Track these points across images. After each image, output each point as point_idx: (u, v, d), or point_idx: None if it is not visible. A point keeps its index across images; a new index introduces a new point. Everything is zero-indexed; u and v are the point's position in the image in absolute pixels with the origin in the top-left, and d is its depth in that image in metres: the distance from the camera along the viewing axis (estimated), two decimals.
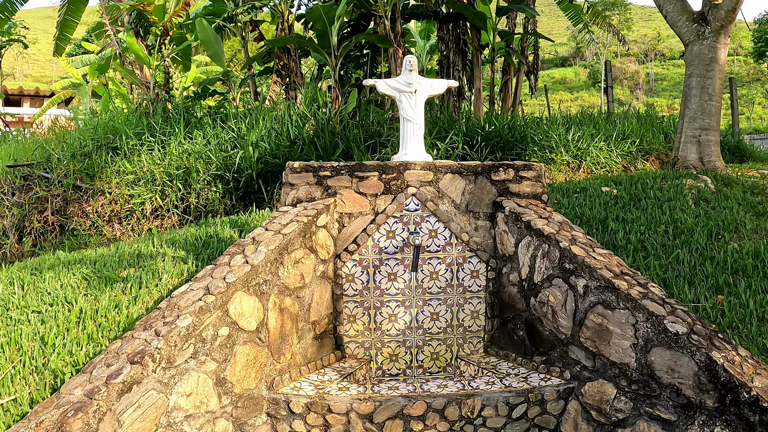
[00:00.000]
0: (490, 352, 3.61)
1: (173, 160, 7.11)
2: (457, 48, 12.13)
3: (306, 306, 3.23)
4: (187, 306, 2.50)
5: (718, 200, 5.10)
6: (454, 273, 3.59)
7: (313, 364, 3.27)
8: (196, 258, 4.29)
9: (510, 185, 3.65)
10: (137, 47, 8.89)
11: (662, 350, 2.65)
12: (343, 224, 3.54)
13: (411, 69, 3.90)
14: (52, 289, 3.85)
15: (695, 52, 6.54)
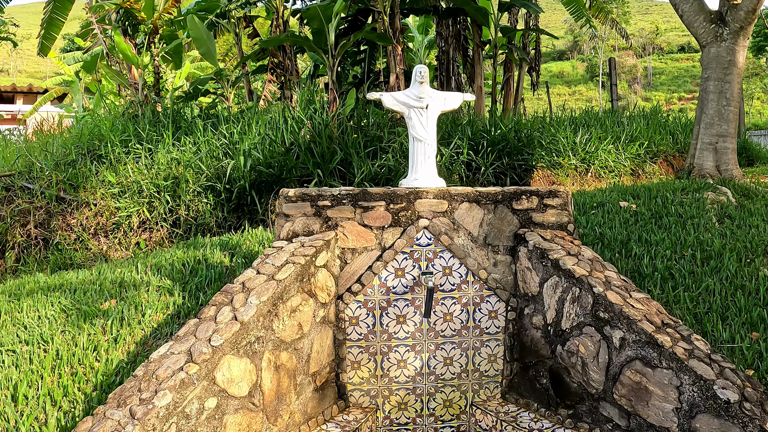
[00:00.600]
0: (509, 399, 3.26)
1: (161, 169, 6.72)
2: (458, 44, 11.77)
3: (305, 357, 2.87)
4: (167, 378, 2.13)
5: (742, 217, 4.78)
6: (470, 314, 3.23)
7: (314, 420, 2.92)
8: (182, 289, 3.94)
9: (533, 215, 3.29)
10: (125, 47, 8.46)
11: (710, 418, 2.31)
12: (346, 261, 3.17)
13: (422, 81, 3.51)
14: (29, 323, 3.52)
15: (713, 54, 6.18)
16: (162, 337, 3.33)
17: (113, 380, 2.92)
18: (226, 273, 4.20)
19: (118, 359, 3.12)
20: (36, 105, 16.61)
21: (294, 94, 10.68)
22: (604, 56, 46.79)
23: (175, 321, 3.54)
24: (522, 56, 12.43)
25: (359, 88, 11.57)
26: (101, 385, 2.88)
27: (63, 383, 2.88)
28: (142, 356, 3.13)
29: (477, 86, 11.54)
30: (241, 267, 4.26)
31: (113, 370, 3.01)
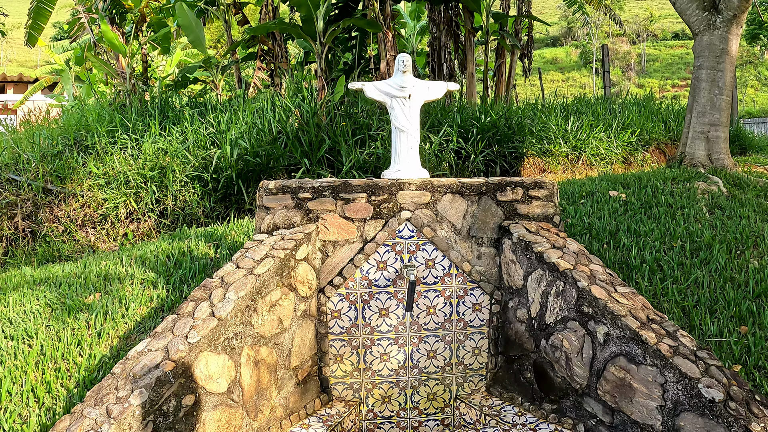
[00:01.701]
0: (493, 393, 3.25)
1: (148, 159, 6.64)
2: (449, 30, 11.66)
3: (286, 352, 2.84)
4: (144, 375, 2.10)
5: (733, 207, 4.75)
6: (453, 307, 3.20)
7: (296, 415, 2.90)
8: (166, 282, 3.91)
9: (518, 206, 3.25)
10: (112, 35, 8.33)
11: (694, 417, 2.29)
12: (327, 254, 3.13)
13: (404, 70, 3.45)
14: (14, 317, 3.49)
15: (705, 42, 6.12)
16: (145, 331, 3.30)
17: (95, 376, 2.89)
18: (211, 265, 4.16)
19: (101, 354, 3.09)
20: (26, 94, 16.42)
21: (284, 82, 10.57)
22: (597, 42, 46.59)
23: (158, 314, 3.51)
24: (514, 43, 12.33)
25: (349, 75, 11.45)
26: (84, 380, 2.85)
27: (46, 379, 2.85)
28: (124, 351, 3.10)
29: (469, 73, 11.46)
30: (226, 259, 4.23)
31: (96, 365, 2.99)
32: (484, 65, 13.34)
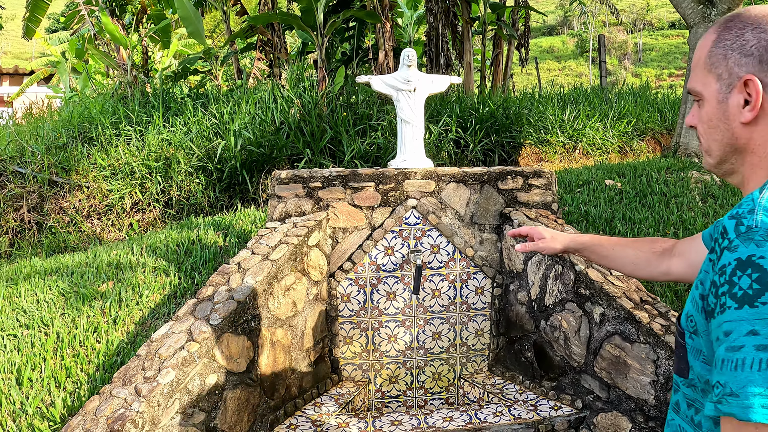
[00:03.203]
0: (495, 372, 3.41)
1: (152, 150, 6.75)
2: (447, 20, 11.73)
3: (299, 334, 2.98)
4: (169, 356, 2.24)
5: (725, 196, 4.91)
6: (457, 290, 3.35)
7: (308, 394, 3.05)
8: (178, 269, 4.03)
9: (518, 194, 3.39)
10: (112, 27, 8.39)
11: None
12: (337, 240, 3.27)
13: (410, 64, 3.57)
14: (28, 307, 3.60)
15: (700, 35, 6.25)
16: (160, 317, 3.43)
17: (114, 360, 3.01)
18: (220, 253, 4.29)
19: (118, 340, 3.21)
20: (23, 87, 16.42)
21: (283, 72, 10.65)
22: (594, 32, 46.61)
23: (171, 301, 3.63)
24: (511, 33, 12.43)
25: (348, 66, 11.54)
26: (103, 365, 2.98)
27: (66, 365, 2.96)
28: (141, 336, 3.23)
29: (466, 63, 11.56)
30: (235, 247, 4.35)
31: (114, 351, 3.11)
32: (481, 55, 13.43)
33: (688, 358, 1.07)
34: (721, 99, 1.06)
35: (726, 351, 0.87)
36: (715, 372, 0.89)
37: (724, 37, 1.06)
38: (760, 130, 1.02)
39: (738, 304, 0.86)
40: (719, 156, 1.11)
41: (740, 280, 0.87)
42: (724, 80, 1.06)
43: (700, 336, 1.01)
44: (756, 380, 0.82)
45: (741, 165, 1.08)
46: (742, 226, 0.92)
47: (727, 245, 0.92)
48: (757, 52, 1.01)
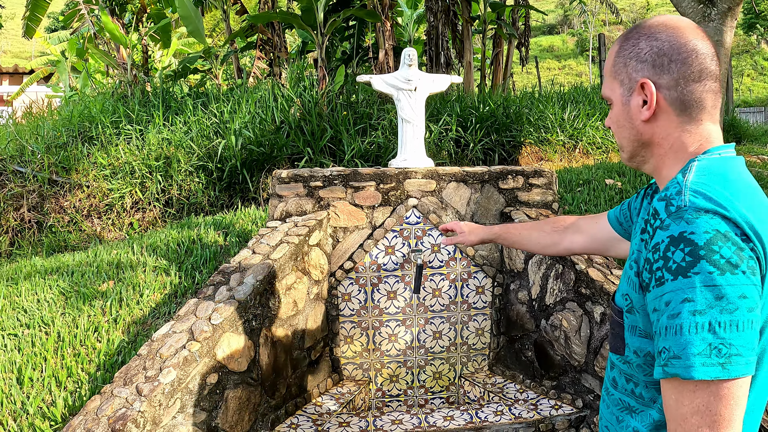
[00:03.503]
0: (496, 371, 3.41)
1: (152, 150, 6.74)
2: (447, 19, 11.73)
3: (300, 333, 2.98)
4: (171, 356, 2.24)
5: None
6: (458, 289, 3.35)
7: (309, 393, 3.05)
8: (178, 268, 4.03)
9: (519, 194, 3.40)
10: (113, 26, 8.39)
11: None
12: (338, 239, 3.27)
13: (410, 64, 3.57)
14: (28, 306, 3.60)
15: None
16: (161, 317, 3.43)
17: (115, 360, 3.01)
18: (221, 252, 4.29)
19: (119, 339, 3.21)
20: (23, 86, 16.41)
21: (283, 71, 10.65)
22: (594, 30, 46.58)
23: (172, 300, 3.63)
24: (511, 32, 12.43)
25: (348, 65, 11.53)
26: (104, 364, 2.98)
27: (66, 364, 2.96)
28: (142, 336, 3.23)
29: (466, 62, 11.56)
30: (235, 246, 4.35)
31: (115, 350, 3.11)
32: (481, 54, 13.43)
33: (625, 336, 1.16)
34: (625, 101, 1.21)
35: (667, 319, 0.97)
36: (660, 339, 0.99)
37: (624, 47, 1.21)
38: (661, 125, 1.16)
39: (673, 276, 0.97)
40: (630, 151, 1.25)
41: (674, 255, 0.97)
42: (625, 85, 1.20)
43: (636, 312, 1.11)
44: (694, 342, 0.93)
45: (650, 156, 1.22)
46: (671, 206, 1.02)
47: (660, 225, 1.02)
48: (650, 58, 1.15)
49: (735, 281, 0.94)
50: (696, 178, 1.06)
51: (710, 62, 1.14)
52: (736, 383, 0.93)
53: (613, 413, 1.23)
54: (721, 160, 1.12)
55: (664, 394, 1.01)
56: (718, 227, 0.96)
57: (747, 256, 0.96)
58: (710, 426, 0.94)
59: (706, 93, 1.14)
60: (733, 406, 0.94)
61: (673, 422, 0.99)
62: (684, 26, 1.16)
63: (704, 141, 1.15)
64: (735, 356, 0.92)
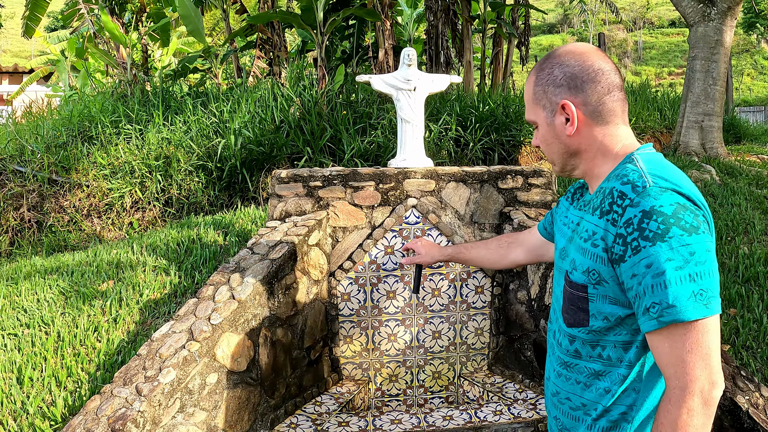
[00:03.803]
0: (495, 371, 3.41)
1: (152, 149, 6.75)
2: (447, 18, 11.72)
3: (299, 333, 2.99)
4: (170, 356, 2.24)
5: (725, 195, 4.91)
6: (457, 289, 3.36)
7: (308, 392, 3.05)
8: (178, 268, 4.03)
9: (518, 193, 3.40)
10: (112, 26, 8.39)
11: None
12: (337, 239, 3.28)
13: (410, 64, 3.57)
14: (28, 306, 3.60)
15: (700, 33, 6.25)
16: (161, 316, 3.43)
17: (115, 359, 3.02)
18: (221, 252, 4.29)
19: (119, 339, 3.22)
20: (23, 85, 16.41)
21: (283, 71, 10.64)
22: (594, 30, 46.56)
23: (172, 300, 3.64)
24: (511, 31, 12.42)
25: (348, 64, 11.53)
26: (104, 364, 2.98)
27: (66, 364, 2.96)
28: (142, 335, 3.23)
29: (466, 61, 11.56)
30: (235, 245, 4.35)
31: (115, 350, 3.11)
32: (481, 53, 13.42)
33: (590, 307, 1.32)
34: (549, 122, 1.41)
35: (652, 278, 1.16)
36: (646, 297, 1.17)
37: (540, 76, 1.41)
38: (585, 136, 1.37)
39: (652, 243, 1.16)
40: (561, 163, 1.45)
41: (649, 225, 1.17)
42: (547, 108, 1.40)
43: (605, 283, 1.28)
44: (683, 291, 1.13)
45: (581, 162, 1.42)
46: (638, 187, 1.22)
47: (629, 204, 1.21)
48: (565, 82, 1.36)
49: (700, 240, 1.15)
50: (648, 166, 1.27)
51: (614, 77, 1.36)
52: (715, 319, 1.16)
53: (579, 381, 1.38)
54: (655, 153, 1.35)
55: (657, 345, 1.19)
56: (678, 200, 1.18)
57: (702, 220, 1.19)
58: (703, 358, 1.14)
59: (616, 102, 1.36)
60: (715, 338, 1.15)
61: (670, 367, 1.17)
62: (588, 51, 1.38)
63: (624, 140, 1.38)
64: (712, 297, 1.15)
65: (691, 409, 1.15)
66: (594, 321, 1.32)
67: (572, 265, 1.36)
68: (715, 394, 1.15)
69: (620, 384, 1.31)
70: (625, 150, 1.36)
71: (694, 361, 1.14)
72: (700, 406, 1.15)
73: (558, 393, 1.44)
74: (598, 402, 1.34)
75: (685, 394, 1.15)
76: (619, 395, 1.31)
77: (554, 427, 1.49)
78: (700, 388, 1.14)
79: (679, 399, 1.16)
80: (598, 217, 1.30)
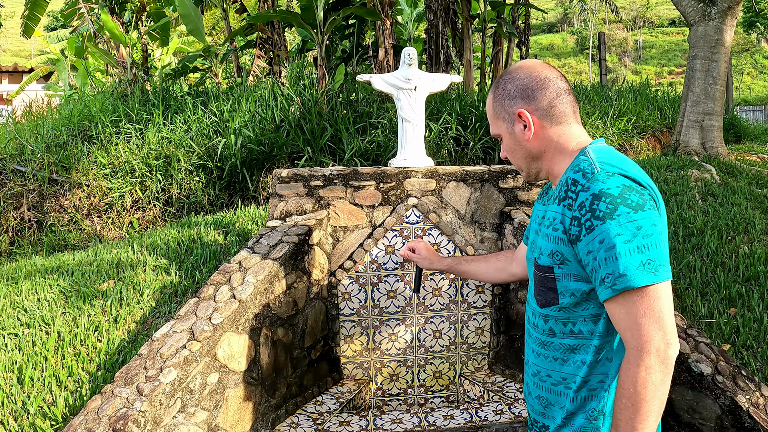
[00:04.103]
0: (496, 370, 3.41)
1: (152, 148, 6.74)
2: (447, 18, 11.70)
3: (300, 332, 2.99)
4: (171, 355, 2.24)
5: (725, 195, 4.91)
6: (458, 288, 3.36)
7: (309, 392, 3.05)
8: (178, 268, 4.03)
9: (519, 193, 3.40)
10: (112, 25, 8.38)
11: (684, 389, 2.46)
12: (338, 239, 3.28)
13: (410, 63, 3.57)
14: (28, 306, 3.60)
15: (700, 33, 6.25)
16: (161, 316, 3.43)
17: (116, 359, 3.02)
18: (221, 251, 4.29)
19: (119, 339, 3.22)
20: (22, 85, 16.41)
21: (283, 70, 10.64)
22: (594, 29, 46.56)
23: (172, 300, 3.64)
24: (511, 30, 12.41)
25: (348, 63, 11.52)
26: (104, 364, 2.98)
27: (67, 364, 2.96)
28: (142, 335, 3.23)
29: (466, 60, 11.55)
30: (235, 245, 4.35)
31: (115, 350, 3.11)
32: (481, 52, 13.41)
33: (558, 286, 1.45)
34: (510, 131, 1.57)
35: (605, 252, 1.29)
36: (601, 270, 1.31)
37: (496, 93, 1.58)
38: (541, 138, 1.53)
39: (602, 221, 1.30)
40: (527, 168, 1.61)
41: (598, 206, 1.31)
42: (507, 120, 1.56)
43: (568, 262, 1.41)
44: (632, 261, 1.26)
45: (543, 164, 1.57)
46: (588, 174, 1.37)
47: (581, 188, 1.36)
48: (518, 94, 1.53)
49: (645, 216, 1.29)
50: (597, 155, 1.42)
51: (561, 83, 1.53)
52: (665, 285, 1.28)
53: (557, 358, 1.49)
54: (606, 146, 1.49)
55: (614, 312, 1.31)
56: (624, 182, 1.32)
57: (647, 198, 1.33)
58: (656, 321, 1.26)
59: (565, 104, 1.51)
60: (667, 303, 1.27)
61: (627, 331, 1.30)
62: (535, 64, 1.56)
63: (577, 138, 1.52)
64: (660, 266, 1.27)
65: (648, 367, 1.26)
66: (563, 298, 1.45)
67: (539, 251, 1.49)
68: (670, 353, 1.26)
69: (594, 355, 1.42)
70: (579, 146, 1.50)
71: (648, 323, 1.26)
72: (657, 363, 1.25)
73: (539, 372, 1.55)
74: (576, 374, 1.45)
75: (642, 354, 1.26)
76: (595, 365, 1.42)
77: (537, 406, 1.57)
78: (656, 347, 1.26)
79: (637, 358, 1.27)
80: (557, 205, 1.44)
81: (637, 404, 1.27)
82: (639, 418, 1.27)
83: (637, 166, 1.43)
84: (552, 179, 1.58)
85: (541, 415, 1.56)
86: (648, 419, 1.27)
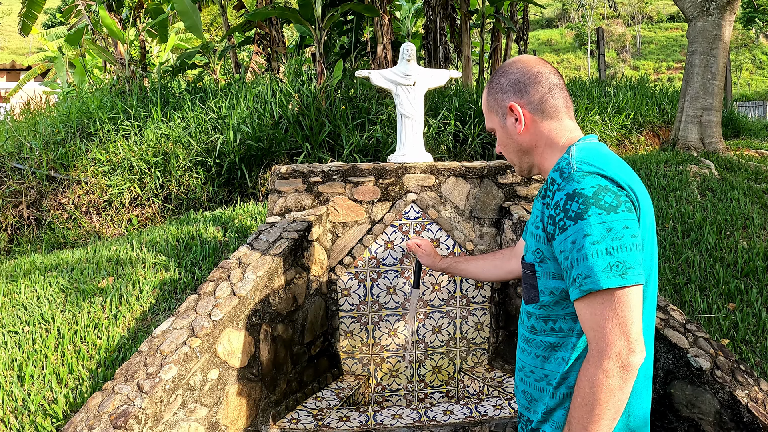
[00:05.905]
0: (495, 365, 3.42)
1: (151, 145, 6.74)
2: (445, 13, 11.69)
3: (300, 328, 2.99)
4: (171, 352, 2.25)
5: (724, 190, 4.91)
6: (457, 284, 3.36)
7: (309, 388, 3.06)
8: (178, 264, 4.04)
9: (518, 188, 3.40)
10: (110, 21, 8.36)
11: (683, 384, 2.46)
12: (337, 234, 3.28)
13: (409, 59, 3.56)
14: (28, 303, 3.60)
15: (699, 28, 6.24)
16: (161, 313, 3.44)
17: (116, 356, 3.02)
18: (220, 248, 4.29)
19: (119, 336, 3.22)
20: (20, 82, 16.38)
21: (281, 66, 10.62)
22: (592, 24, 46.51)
23: (172, 296, 3.64)
24: (509, 26, 12.40)
25: (346, 59, 11.51)
26: (104, 361, 2.99)
27: (67, 361, 2.97)
28: (142, 332, 3.24)
29: (464, 56, 11.54)
30: (235, 241, 4.36)
31: (115, 347, 3.12)
32: (479, 48, 13.39)
33: (538, 284, 1.46)
34: (503, 125, 1.59)
35: (576, 252, 1.29)
36: (573, 270, 1.30)
37: (490, 88, 1.60)
38: (532, 132, 1.54)
39: (574, 222, 1.30)
40: (519, 162, 1.62)
41: (571, 206, 1.31)
42: (499, 114, 1.58)
43: (548, 260, 1.42)
44: (598, 263, 1.25)
45: (534, 158, 1.58)
46: (564, 173, 1.37)
47: (557, 188, 1.36)
48: (510, 88, 1.54)
49: (618, 218, 1.27)
50: (578, 154, 1.41)
51: (554, 77, 1.54)
52: (634, 290, 1.26)
53: (538, 355, 1.50)
54: (593, 143, 1.48)
55: (581, 312, 1.31)
56: (600, 182, 1.31)
57: (624, 199, 1.31)
58: (620, 326, 1.24)
59: (557, 99, 1.53)
60: (634, 309, 1.25)
61: (591, 331, 1.28)
62: (529, 59, 1.57)
63: (569, 133, 1.52)
64: (629, 269, 1.25)
65: (607, 371, 1.24)
66: (543, 296, 1.46)
67: (526, 248, 1.52)
68: (633, 360, 1.24)
69: (573, 352, 1.42)
70: (569, 142, 1.51)
71: (611, 327, 1.25)
72: (616, 368, 1.24)
73: (523, 367, 1.56)
74: (557, 371, 1.45)
75: (602, 357, 1.25)
76: (573, 362, 1.42)
77: (522, 400, 1.59)
78: (617, 352, 1.24)
79: (597, 361, 1.26)
80: (539, 202, 1.46)
81: (590, 405, 1.26)
82: (591, 419, 1.26)
83: (622, 164, 1.42)
84: (543, 174, 1.59)
85: (526, 410, 1.57)
86: (601, 423, 1.26)
